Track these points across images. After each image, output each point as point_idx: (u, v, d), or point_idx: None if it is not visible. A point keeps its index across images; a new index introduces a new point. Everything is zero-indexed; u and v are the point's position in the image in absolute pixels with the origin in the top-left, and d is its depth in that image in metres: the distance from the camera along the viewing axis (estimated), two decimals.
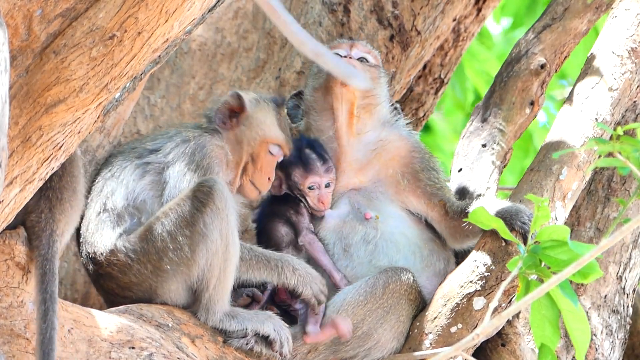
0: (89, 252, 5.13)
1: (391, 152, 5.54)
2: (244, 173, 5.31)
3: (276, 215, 5.44)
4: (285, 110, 5.58)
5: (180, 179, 5.14)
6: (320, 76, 5.50)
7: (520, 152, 9.12)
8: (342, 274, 5.32)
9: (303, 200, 5.43)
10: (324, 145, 5.47)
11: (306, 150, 5.42)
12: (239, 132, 5.33)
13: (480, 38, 9.10)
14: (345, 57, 5.46)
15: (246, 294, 5.27)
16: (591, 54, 5.56)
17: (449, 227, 5.46)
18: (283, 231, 5.42)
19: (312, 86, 5.56)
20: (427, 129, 9.61)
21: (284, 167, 5.42)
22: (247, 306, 5.27)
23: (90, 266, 5.13)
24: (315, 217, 5.46)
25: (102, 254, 5.08)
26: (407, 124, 5.67)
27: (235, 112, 5.34)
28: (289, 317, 5.26)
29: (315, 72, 5.56)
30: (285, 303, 5.30)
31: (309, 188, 5.42)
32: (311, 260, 5.35)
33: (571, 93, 5.49)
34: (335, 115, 5.47)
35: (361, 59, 5.49)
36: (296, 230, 5.42)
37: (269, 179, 5.31)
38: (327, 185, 5.43)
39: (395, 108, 5.65)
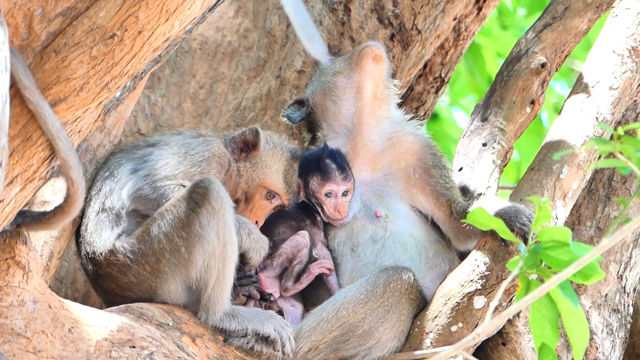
0: (88, 252, 5.12)
1: (405, 146, 5.57)
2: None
3: (285, 213, 5.43)
4: (286, 116, 5.62)
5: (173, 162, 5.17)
6: (343, 60, 5.57)
7: None
8: None
9: (320, 209, 5.43)
10: (345, 156, 5.47)
11: (326, 160, 5.41)
12: (243, 167, 5.33)
13: (500, 17, 9.00)
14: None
15: (242, 294, 5.25)
16: (591, 52, 5.56)
17: (453, 227, 5.46)
18: (280, 230, 5.42)
19: (332, 71, 5.57)
20: (434, 116, 9.52)
21: (302, 175, 5.42)
22: (243, 304, 5.25)
23: (90, 266, 5.12)
24: (330, 225, 5.46)
25: (101, 254, 5.07)
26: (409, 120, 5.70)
27: (248, 147, 5.34)
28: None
29: (334, 61, 5.63)
30: (264, 293, 5.28)
31: (326, 195, 5.41)
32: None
33: (571, 92, 5.50)
34: (359, 94, 5.53)
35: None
36: (311, 242, 5.41)
37: (256, 222, 5.29)
38: (344, 194, 5.41)
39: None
